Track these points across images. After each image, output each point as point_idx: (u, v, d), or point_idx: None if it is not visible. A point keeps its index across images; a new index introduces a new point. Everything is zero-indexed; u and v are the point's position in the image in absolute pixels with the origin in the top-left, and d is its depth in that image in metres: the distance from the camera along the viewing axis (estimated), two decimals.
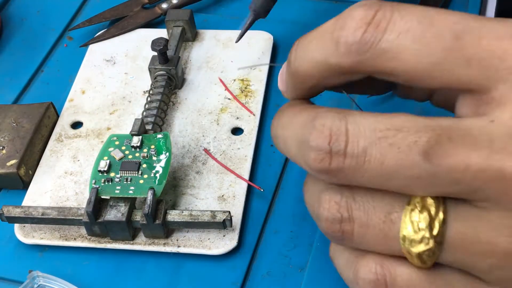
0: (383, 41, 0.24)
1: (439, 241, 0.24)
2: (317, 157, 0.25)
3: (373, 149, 0.24)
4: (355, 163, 0.24)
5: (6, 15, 0.48)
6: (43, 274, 0.33)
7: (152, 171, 0.34)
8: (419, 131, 0.24)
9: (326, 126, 0.25)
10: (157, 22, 0.46)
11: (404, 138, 0.24)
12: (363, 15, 0.25)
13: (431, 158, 0.23)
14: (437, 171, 0.23)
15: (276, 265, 0.33)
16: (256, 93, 0.40)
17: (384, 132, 0.24)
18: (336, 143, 0.25)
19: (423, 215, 0.24)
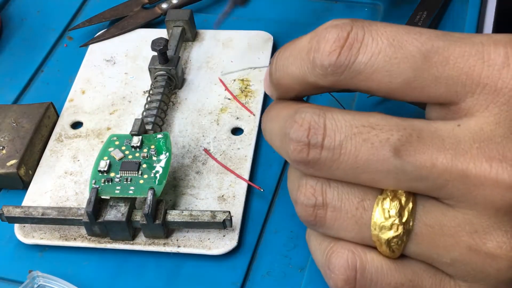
0: (357, 63, 0.26)
1: (407, 229, 0.26)
2: (296, 148, 0.27)
3: (348, 143, 0.26)
4: (331, 155, 0.26)
5: (6, 15, 0.48)
6: (43, 274, 0.33)
7: (152, 171, 0.34)
8: (392, 129, 0.26)
9: (306, 120, 0.27)
10: (157, 22, 0.46)
11: (377, 135, 0.26)
12: (336, 37, 0.26)
13: (401, 155, 0.25)
14: (406, 167, 0.25)
15: (276, 265, 0.33)
16: (256, 93, 0.40)
17: (360, 128, 0.26)
18: (314, 136, 0.26)
19: (394, 203, 0.26)
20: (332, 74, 0.27)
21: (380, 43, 0.26)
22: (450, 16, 0.44)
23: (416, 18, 0.43)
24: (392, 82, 0.26)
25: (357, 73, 0.26)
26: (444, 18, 0.44)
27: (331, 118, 0.27)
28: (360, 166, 0.26)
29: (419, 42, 0.26)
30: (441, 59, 0.25)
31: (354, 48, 0.26)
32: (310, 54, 0.27)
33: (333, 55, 0.26)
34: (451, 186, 0.25)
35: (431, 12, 0.43)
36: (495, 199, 0.24)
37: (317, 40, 0.27)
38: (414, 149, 0.25)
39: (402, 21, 0.43)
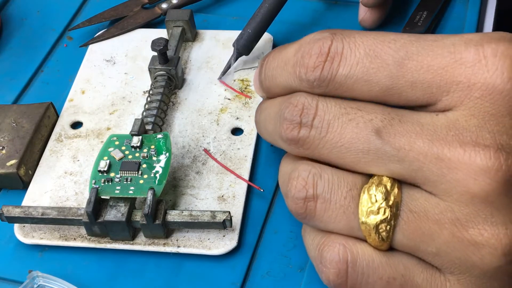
0: (338, 76, 0.28)
1: (394, 213, 0.27)
2: (288, 127, 0.28)
3: (335, 122, 0.28)
4: (319, 134, 0.28)
5: (6, 15, 0.48)
6: (43, 274, 0.33)
7: (152, 171, 0.34)
8: (376, 112, 0.27)
9: (300, 101, 0.28)
10: (157, 22, 0.46)
11: (362, 116, 0.27)
12: (319, 52, 0.28)
13: (382, 136, 0.27)
14: (385, 148, 0.27)
15: (276, 265, 0.33)
16: (256, 94, 0.40)
17: (347, 109, 0.28)
18: (306, 115, 0.28)
19: (380, 188, 0.27)
20: (318, 87, 0.28)
21: (358, 54, 0.28)
22: (450, 16, 0.44)
23: (416, 18, 0.43)
24: (371, 90, 0.28)
25: (340, 85, 0.28)
26: (444, 18, 0.44)
27: (324, 100, 0.28)
28: (344, 145, 0.27)
29: (393, 50, 0.27)
30: (415, 64, 0.27)
31: (335, 61, 0.28)
32: (296, 68, 0.29)
33: (317, 70, 0.28)
34: (426, 169, 0.26)
35: (431, 12, 0.43)
36: (468, 183, 0.25)
37: (301, 55, 0.28)
38: (395, 132, 0.27)
39: (402, 21, 0.43)
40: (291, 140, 0.28)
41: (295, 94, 0.29)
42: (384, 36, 0.28)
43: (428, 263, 0.28)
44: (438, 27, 0.44)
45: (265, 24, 0.40)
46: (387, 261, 0.28)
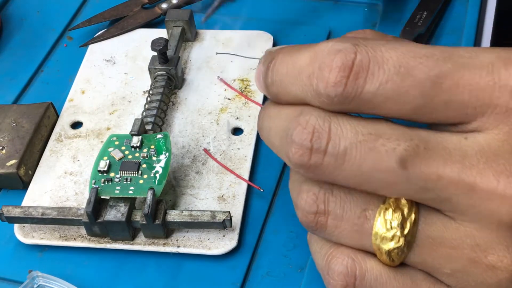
0: (364, 93, 0.25)
1: (408, 241, 0.26)
2: (297, 151, 0.26)
3: (353, 151, 0.25)
4: (334, 161, 0.26)
5: (6, 15, 0.48)
6: (43, 274, 0.33)
7: (152, 171, 0.34)
8: (398, 139, 0.25)
9: (310, 123, 0.26)
10: (157, 22, 0.46)
11: (383, 144, 0.25)
12: (341, 65, 0.25)
13: (407, 166, 0.25)
14: (411, 178, 0.25)
15: (276, 265, 0.33)
16: (256, 93, 0.40)
17: (366, 136, 0.25)
18: (318, 140, 0.26)
19: (396, 214, 0.26)
20: (339, 104, 0.26)
21: (387, 71, 0.25)
22: (450, 16, 0.44)
23: (416, 18, 0.43)
24: (402, 109, 0.26)
25: (365, 102, 0.26)
26: (444, 18, 0.44)
27: (336, 123, 0.26)
28: (364, 174, 0.25)
29: (427, 67, 0.25)
30: (451, 83, 0.25)
31: (361, 77, 0.25)
32: (313, 81, 0.26)
33: (339, 86, 0.25)
34: (456, 199, 0.25)
35: (431, 12, 0.43)
36: (500, 213, 0.24)
37: (319, 67, 0.26)
38: (421, 161, 0.25)
39: (402, 21, 0.43)
40: (301, 165, 0.26)
41: (304, 113, 0.26)
42: (414, 51, 0.26)
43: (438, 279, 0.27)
44: (438, 27, 0.44)
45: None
46: (395, 275, 0.27)
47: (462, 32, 0.43)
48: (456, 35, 0.43)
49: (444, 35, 0.43)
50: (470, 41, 0.42)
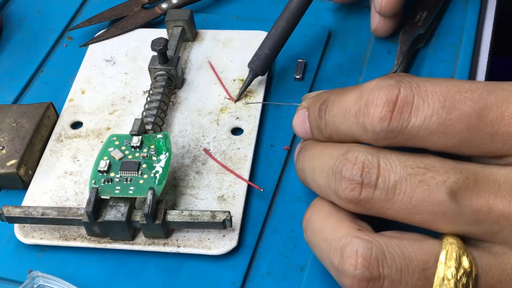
0: (410, 127, 0.26)
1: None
2: (348, 187, 0.26)
3: (403, 184, 0.26)
4: (385, 195, 0.26)
5: (6, 15, 0.48)
6: (43, 274, 0.33)
7: (152, 171, 0.34)
8: (448, 172, 0.26)
9: (359, 159, 0.26)
10: (157, 22, 0.46)
11: (433, 177, 0.26)
12: (386, 101, 0.26)
13: (458, 198, 0.25)
14: (462, 210, 0.25)
15: (276, 265, 0.33)
16: (256, 93, 0.40)
17: (415, 170, 0.26)
18: (368, 175, 0.26)
19: (460, 274, 0.25)
20: (385, 138, 0.26)
21: (432, 105, 0.26)
22: (450, 16, 0.44)
23: (416, 18, 0.43)
24: (448, 142, 0.26)
25: (411, 136, 0.26)
26: (444, 18, 0.44)
27: (385, 158, 0.26)
28: (414, 207, 0.26)
29: (472, 101, 0.26)
30: (496, 116, 0.25)
31: (406, 112, 0.26)
32: (360, 118, 0.27)
33: (384, 120, 0.26)
34: (507, 232, 0.25)
35: (431, 12, 0.43)
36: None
37: (365, 104, 0.27)
38: (471, 193, 0.25)
39: (402, 21, 0.43)
40: (351, 201, 0.27)
41: (351, 149, 0.27)
42: (458, 85, 0.26)
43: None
44: (438, 27, 0.44)
45: (281, 43, 0.39)
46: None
47: (462, 32, 0.43)
48: (456, 35, 0.43)
49: (444, 35, 0.43)
50: (470, 41, 0.42)
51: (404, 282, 0.26)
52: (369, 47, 0.43)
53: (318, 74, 0.42)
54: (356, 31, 0.44)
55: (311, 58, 0.43)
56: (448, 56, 0.42)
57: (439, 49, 0.42)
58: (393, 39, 0.43)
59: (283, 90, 0.41)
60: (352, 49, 0.43)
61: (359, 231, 0.27)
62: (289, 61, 0.43)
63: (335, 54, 0.43)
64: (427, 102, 0.26)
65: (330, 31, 0.44)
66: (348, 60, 0.43)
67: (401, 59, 0.41)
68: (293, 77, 0.42)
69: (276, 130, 0.39)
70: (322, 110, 0.29)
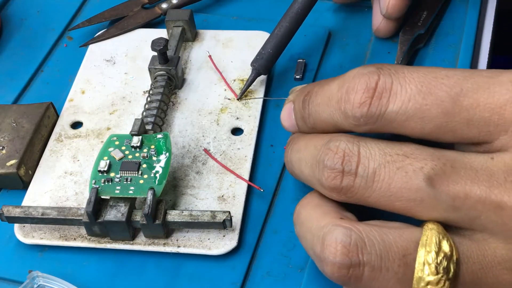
0: (388, 112, 0.26)
1: (452, 282, 0.26)
2: (330, 175, 0.27)
3: (381, 171, 0.26)
4: (365, 182, 0.26)
5: (6, 15, 0.48)
6: (43, 274, 0.33)
7: (152, 171, 0.34)
8: (425, 158, 0.26)
9: (340, 148, 0.27)
10: (157, 22, 0.46)
11: (411, 164, 0.26)
12: (365, 87, 0.27)
13: (435, 184, 0.25)
14: (439, 197, 0.25)
15: (276, 265, 0.33)
16: (256, 93, 0.40)
17: (394, 157, 0.26)
18: (348, 163, 0.27)
19: (440, 258, 0.26)
20: (365, 124, 0.27)
21: (409, 90, 0.26)
22: (450, 16, 0.44)
23: (416, 18, 0.43)
24: (424, 127, 0.26)
25: (389, 122, 0.27)
26: (444, 18, 0.44)
27: (365, 146, 0.27)
28: (393, 194, 0.26)
29: (447, 86, 0.26)
30: (471, 101, 0.26)
31: (384, 97, 0.26)
32: (341, 105, 0.27)
33: (363, 106, 0.27)
34: (485, 218, 0.25)
35: (431, 12, 0.43)
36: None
37: (346, 90, 0.27)
38: (448, 179, 0.25)
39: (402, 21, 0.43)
40: (333, 189, 0.27)
41: (333, 139, 0.28)
42: (435, 72, 0.27)
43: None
44: (438, 27, 0.44)
45: (284, 43, 0.40)
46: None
47: (462, 32, 0.43)
48: (456, 35, 0.43)
49: (444, 35, 0.43)
50: (470, 41, 0.42)
51: (385, 268, 0.26)
52: (369, 47, 0.43)
53: (318, 74, 0.42)
54: (356, 31, 0.44)
55: (311, 58, 0.43)
56: (448, 56, 0.42)
57: (439, 49, 0.42)
58: (393, 39, 0.43)
59: (283, 90, 0.41)
60: (352, 49, 0.43)
61: (340, 219, 0.27)
62: (289, 61, 0.43)
63: (335, 54, 0.43)
64: (404, 88, 0.26)
65: (330, 31, 0.44)
66: (348, 60, 0.43)
67: (401, 59, 0.41)
68: (293, 77, 0.42)
69: (276, 130, 0.39)
70: (306, 100, 0.30)
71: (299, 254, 0.34)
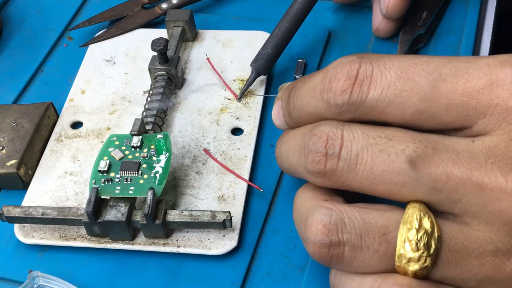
0: (369, 99, 0.27)
1: (434, 259, 0.26)
2: (314, 159, 0.27)
3: (364, 154, 0.26)
4: (348, 166, 0.27)
5: (6, 15, 0.48)
6: (43, 274, 0.33)
7: (152, 171, 0.34)
8: (408, 141, 0.26)
9: (324, 132, 0.27)
10: (157, 22, 0.46)
11: (393, 146, 0.26)
12: (347, 76, 0.27)
13: (416, 166, 0.26)
14: (421, 178, 0.25)
15: (276, 265, 0.33)
16: (256, 93, 0.40)
17: (376, 139, 0.26)
18: (332, 146, 0.27)
19: (421, 234, 0.26)
20: (348, 111, 0.27)
21: (389, 77, 0.26)
22: (450, 16, 0.44)
23: (416, 18, 0.43)
24: (404, 114, 0.26)
25: (370, 109, 0.27)
26: (444, 18, 0.44)
27: (349, 129, 0.27)
28: (376, 177, 0.26)
29: (426, 72, 0.26)
30: (450, 86, 0.26)
31: (365, 84, 0.27)
32: (324, 94, 0.28)
33: (345, 94, 0.27)
34: (466, 200, 0.25)
35: (431, 12, 0.43)
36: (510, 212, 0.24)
37: (329, 80, 0.27)
38: (429, 161, 0.26)
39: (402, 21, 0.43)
40: (318, 173, 0.27)
41: (318, 124, 0.28)
42: (415, 58, 0.27)
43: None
44: (438, 27, 0.44)
45: (284, 43, 0.40)
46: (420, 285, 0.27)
47: (462, 32, 0.43)
48: (456, 35, 0.43)
49: (444, 35, 0.43)
50: (470, 41, 0.42)
51: (365, 247, 0.26)
52: (369, 47, 0.43)
53: None
54: (356, 31, 0.44)
55: (311, 58, 0.43)
56: None
57: (439, 49, 0.42)
58: (393, 39, 0.43)
59: None
60: (352, 49, 0.43)
61: (324, 201, 0.27)
62: (289, 61, 0.43)
63: (335, 54, 0.43)
64: (384, 74, 0.26)
65: (330, 31, 0.44)
66: None
67: None
68: (293, 77, 0.42)
69: (276, 130, 0.39)
70: (291, 95, 0.30)
71: (299, 254, 0.34)
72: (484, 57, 0.26)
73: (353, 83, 0.27)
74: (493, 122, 0.25)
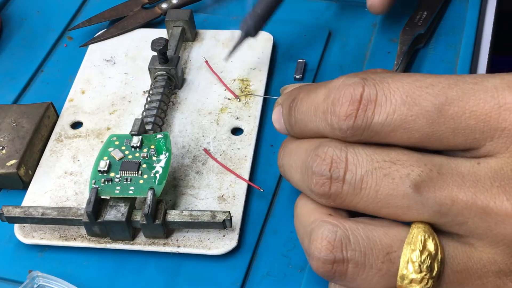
0: (374, 124, 0.26)
1: (436, 280, 0.26)
2: (318, 182, 0.27)
3: (369, 178, 0.26)
4: (352, 189, 0.26)
5: (6, 15, 0.48)
6: (43, 274, 0.33)
7: (152, 171, 0.34)
8: (412, 164, 0.26)
9: (328, 154, 0.27)
10: (157, 22, 0.46)
11: (397, 170, 0.26)
12: (350, 100, 0.26)
13: (421, 191, 0.26)
14: (426, 203, 0.26)
15: (276, 265, 0.33)
16: (256, 93, 0.40)
17: (381, 163, 0.26)
18: (336, 170, 0.27)
19: (424, 256, 0.26)
20: (352, 136, 0.27)
21: (394, 102, 0.26)
22: (450, 16, 0.44)
23: (416, 18, 0.43)
24: (411, 137, 0.26)
25: (376, 133, 0.27)
26: (444, 18, 0.44)
27: (353, 152, 0.27)
28: (381, 201, 0.26)
29: (432, 96, 0.26)
30: (457, 110, 0.26)
31: (369, 109, 0.26)
32: (327, 116, 0.27)
33: (349, 119, 0.27)
34: (472, 223, 0.25)
35: (431, 12, 0.43)
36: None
37: (332, 102, 0.27)
38: (434, 185, 0.25)
39: (402, 21, 0.43)
40: (322, 195, 0.27)
41: (322, 145, 0.28)
42: (420, 80, 0.26)
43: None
44: (438, 27, 0.44)
45: (273, 5, 0.39)
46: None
47: (462, 32, 0.43)
48: (456, 35, 0.43)
49: (444, 35, 0.43)
50: (470, 41, 0.42)
51: (368, 265, 0.26)
52: (369, 47, 0.43)
53: (318, 74, 0.42)
54: (356, 31, 0.44)
55: (311, 58, 0.43)
56: (448, 56, 0.42)
57: (439, 49, 0.42)
58: (393, 39, 0.43)
59: None
60: (352, 49, 0.43)
61: (329, 216, 0.27)
62: (289, 61, 0.43)
63: (335, 54, 0.43)
64: (389, 99, 0.26)
65: (330, 31, 0.44)
66: (348, 60, 0.43)
67: (401, 59, 0.41)
68: (293, 77, 0.42)
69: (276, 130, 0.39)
70: (292, 108, 0.30)
71: (299, 254, 0.34)
72: (490, 78, 0.26)
73: (357, 108, 0.26)
74: (500, 145, 0.25)
